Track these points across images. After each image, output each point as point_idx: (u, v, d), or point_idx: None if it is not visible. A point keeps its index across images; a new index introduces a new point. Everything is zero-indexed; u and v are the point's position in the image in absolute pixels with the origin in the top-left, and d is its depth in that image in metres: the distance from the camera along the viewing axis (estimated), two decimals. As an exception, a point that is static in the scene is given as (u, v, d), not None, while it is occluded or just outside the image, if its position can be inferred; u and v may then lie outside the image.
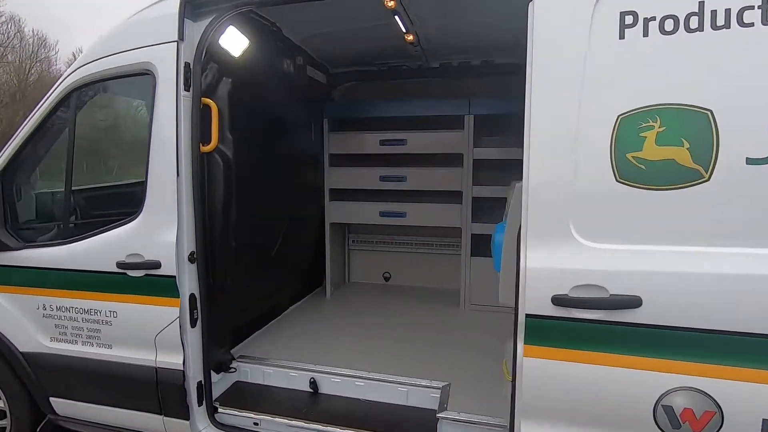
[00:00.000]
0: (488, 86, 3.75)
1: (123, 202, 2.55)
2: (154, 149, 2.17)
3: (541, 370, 1.65)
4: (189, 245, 2.20)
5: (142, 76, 2.20)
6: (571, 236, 1.59)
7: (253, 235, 2.85)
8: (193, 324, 2.24)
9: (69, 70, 2.37)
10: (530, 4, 1.61)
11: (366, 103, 3.75)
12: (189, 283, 2.21)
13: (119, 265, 2.22)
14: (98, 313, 2.31)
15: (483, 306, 3.60)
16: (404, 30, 3.11)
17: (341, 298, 3.99)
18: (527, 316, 1.65)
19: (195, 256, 2.22)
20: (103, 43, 2.31)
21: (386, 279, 4.33)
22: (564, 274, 1.60)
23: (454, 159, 3.66)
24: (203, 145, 2.22)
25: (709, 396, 1.48)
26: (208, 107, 2.23)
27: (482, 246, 3.61)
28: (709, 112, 1.43)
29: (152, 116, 2.18)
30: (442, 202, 3.79)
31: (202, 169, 2.22)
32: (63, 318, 2.38)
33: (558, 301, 1.59)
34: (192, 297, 2.23)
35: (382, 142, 3.67)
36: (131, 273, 2.22)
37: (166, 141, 2.13)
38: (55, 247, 2.40)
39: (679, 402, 1.51)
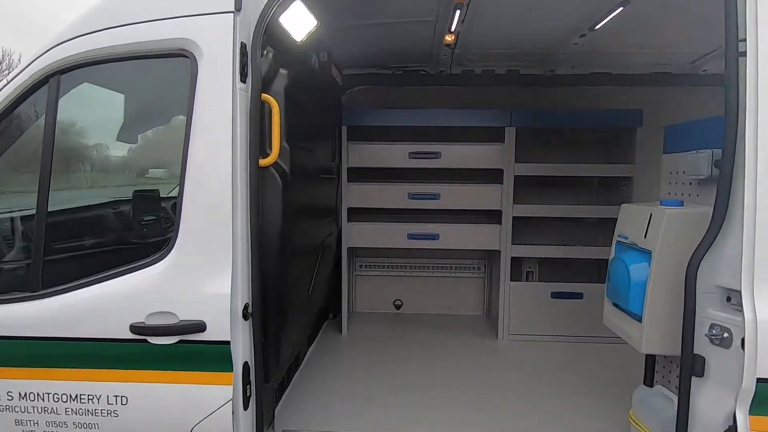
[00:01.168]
0: (518, 96, 3.48)
1: (133, 232, 1.83)
2: (195, 162, 1.52)
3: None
4: (243, 296, 1.57)
5: (173, 59, 1.56)
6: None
7: (300, 273, 2.24)
8: (245, 405, 1.61)
9: (47, 46, 1.62)
10: None
11: (394, 110, 3.27)
12: (242, 348, 1.58)
13: (136, 329, 1.52)
14: (94, 401, 1.57)
15: (524, 336, 3.27)
16: (451, 29, 2.73)
17: (358, 335, 3.42)
18: (758, 380, 1.31)
19: (250, 310, 1.60)
20: (107, 8, 1.61)
21: (397, 307, 3.85)
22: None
23: (488, 175, 3.32)
24: (261, 158, 1.62)
25: None
26: (267, 106, 1.64)
27: (517, 269, 3.31)
28: None
29: (191, 116, 1.53)
30: (476, 222, 3.42)
31: (258, 189, 1.62)
32: (31, 411, 1.60)
33: None
34: (245, 367, 1.60)
35: (413, 155, 3.21)
36: (155, 340, 1.53)
37: (215, 151, 1.51)
38: (20, 303, 1.61)
39: None
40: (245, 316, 1.58)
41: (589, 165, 3.23)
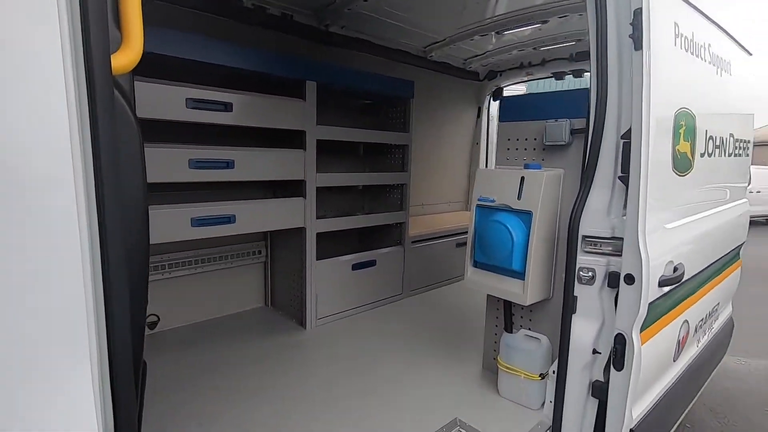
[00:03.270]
0: (300, 48, 3.00)
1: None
2: None
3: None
4: None
5: None
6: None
7: None
8: None
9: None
10: None
11: (163, 30, 2.04)
12: None
13: None
14: None
15: (332, 317, 3.01)
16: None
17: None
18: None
19: None
20: None
21: (151, 326, 2.71)
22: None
23: (287, 138, 2.73)
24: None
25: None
26: None
27: (327, 247, 3.00)
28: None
29: None
30: (274, 197, 2.76)
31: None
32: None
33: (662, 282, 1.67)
34: None
35: (194, 104, 2.19)
36: None
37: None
38: None
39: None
40: None
41: (377, 132, 3.22)
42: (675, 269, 1.78)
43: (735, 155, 2.56)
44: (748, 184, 2.94)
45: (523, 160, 2.12)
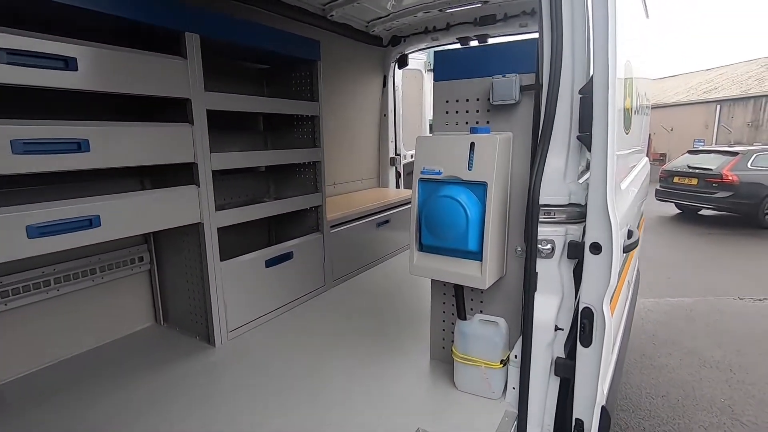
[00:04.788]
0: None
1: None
2: None
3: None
4: None
5: None
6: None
7: None
8: None
9: None
10: None
11: None
12: None
13: None
14: None
15: (246, 327, 2.50)
16: None
17: None
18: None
19: None
20: None
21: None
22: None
23: (166, 110, 2.09)
24: None
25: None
26: None
27: (232, 243, 2.47)
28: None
29: None
30: (154, 186, 2.12)
31: None
32: None
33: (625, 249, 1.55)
34: None
35: (12, 57, 1.47)
36: None
37: None
38: None
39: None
40: None
41: (282, 101, 2.69)
42: (630, 233, 1.70)
43: (644, 114, 2.65)
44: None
45: (465, 125, 1.85)
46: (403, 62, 4.52)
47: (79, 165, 1.69)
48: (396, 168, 4.81)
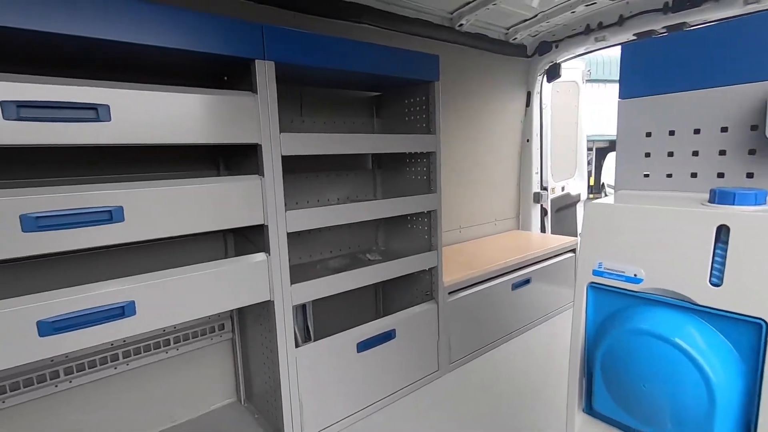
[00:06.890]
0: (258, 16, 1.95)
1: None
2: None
3: None
4: None
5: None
6: None
7: None
8: None
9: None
10: None
11: None
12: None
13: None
14: None
15: (329, 429, 1.92)
16: None
17: None
18: None
19: None
20: None
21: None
22: None
23: (227, 158, 1.69)
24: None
25: None
26: None
27: (316, 319, 1.93)
28: None
29: None
30: (206, 258, 1.73)
31: None
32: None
33: None
34: None
35: (25, 111, 1.18)
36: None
37: None
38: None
39: None
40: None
41: (382, 137, 2.10)
42: None
43: None
44: None
45: (691, 180, 0.96)
46: (553, 73, 3.57)
47: (110, 239, 1.33)
48: (542, 205, 3.82)
